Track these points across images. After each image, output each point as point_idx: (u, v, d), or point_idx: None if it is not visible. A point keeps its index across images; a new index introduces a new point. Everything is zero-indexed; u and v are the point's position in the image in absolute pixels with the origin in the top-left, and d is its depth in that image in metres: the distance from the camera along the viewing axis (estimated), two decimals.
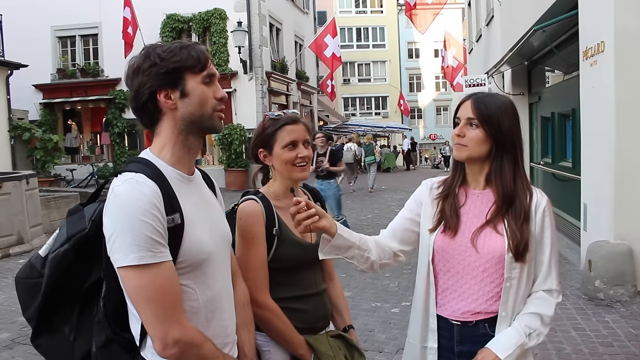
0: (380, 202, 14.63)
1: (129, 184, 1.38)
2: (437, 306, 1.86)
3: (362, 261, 1.88)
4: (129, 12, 17.09)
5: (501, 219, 1.78)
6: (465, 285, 1.81)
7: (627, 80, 5.53)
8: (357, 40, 41.79)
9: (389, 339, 4.68)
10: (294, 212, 1.67)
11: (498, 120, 1.76)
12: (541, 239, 1.79)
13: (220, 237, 1.61)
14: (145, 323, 1.39)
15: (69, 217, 1.53)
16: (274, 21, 21.11)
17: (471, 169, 1.86)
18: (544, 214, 1.80)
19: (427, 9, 17.33)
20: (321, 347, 1.95)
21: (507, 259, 1.74)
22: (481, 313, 1.79)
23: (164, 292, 1.36)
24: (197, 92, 1.48)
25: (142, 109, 1.48)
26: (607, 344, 4.39)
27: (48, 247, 1.52)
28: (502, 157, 1.78)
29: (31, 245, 8.62)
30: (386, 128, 34.70)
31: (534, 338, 1.75)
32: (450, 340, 1.84)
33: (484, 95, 1.85)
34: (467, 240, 1.80)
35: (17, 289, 1.59)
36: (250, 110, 18.45)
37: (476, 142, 1.77)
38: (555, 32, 7.99)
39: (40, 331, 1.54)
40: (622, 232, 5.58)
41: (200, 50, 1.50)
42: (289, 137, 1.95)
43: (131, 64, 1.48)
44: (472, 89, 14.07)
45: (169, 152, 1.51)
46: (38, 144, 16.20)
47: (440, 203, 1.88)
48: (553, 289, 1.81)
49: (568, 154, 8.69)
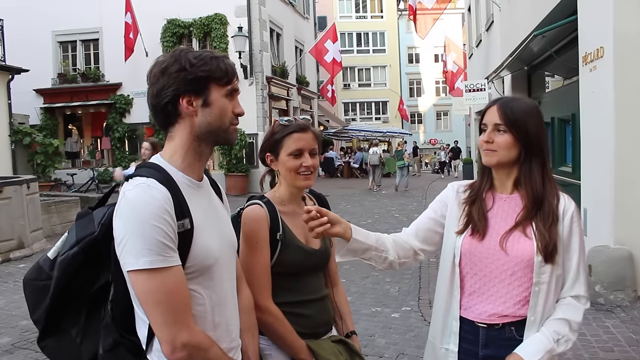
0: (381, 207, 14.62)
1: (140, 189, 1.39)
2: (462, 309, 1.86)
3: (379, 261, 1.91)
4: (129, 17, 17.16)
5: (529, 223, 1.78)
6: (493, 288, 1.81)
7: (627, 85, 5.54)
8: (358, 45, 41.91)
9: (389, 343, 4.68)
10: (307, 219, 1.70)
11: (525, 124, 1.77)
12: (569, 244, 1.79)
13: (226, 242, 1.62)
14: (153, 326, 1.40)
15: (78, 220, 1.54)
16: (275, 26, 21.15)
17: (499, 174, 1.87)
18: (572, 220, 1.79)
19: (427, 13, 17.37)
20: (323, 352, 1.96)
21: (536, 262, 1.74)
22: (508, 316, 1.79)
23: (173, 296, 1.38)
24: (218, 103, 1.51)
25: (161, 109, 1.50)
26: (607, 349, 4.39)
27: (57, 250, 1.53)
28: (531, 161, 1.79)
29: (31, 250, 8.62)
30: (386, 133, 34.74)
31: (563, 344, 1.74)
32: (475, 343, 1.83)
33: (509, 99, 1.86)
34: (495, 244, 1.80)
35: (25, 291, 1.60)
36: (251, 115, 18.45)
37: (505, 147, 1.78)
38: (555, 38, 8.01)
39: (47, 333, 1.55)
40: (622, 237, 5.58)
41: (229, 64, 1.53)
42: (295, 145, 1.96)
43: (160, 62, 1.50)
44: (472, 94, 14.13)
45: (180, 157, 1.52)
46: (39, 148, 16.20)
47: (468, 207, 1.88)
48: (581, 295, 1.80)
49: (568, 159, 8.70)
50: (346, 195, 17.58)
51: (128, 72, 17.88)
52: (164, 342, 1.39)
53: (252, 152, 18.10)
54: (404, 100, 36.69)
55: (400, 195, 17.33)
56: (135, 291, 1.40)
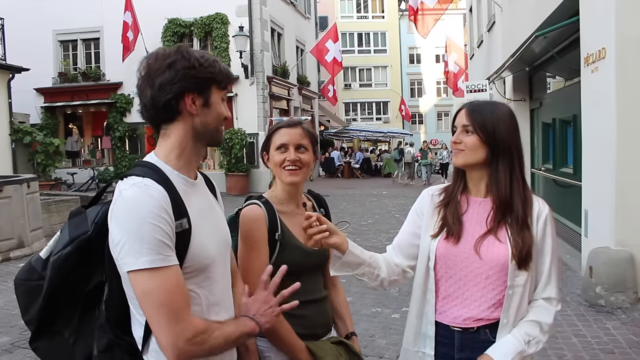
0: (382, 207, 14.62)
1: (137, 188, 1.38)
2: (437, 313, 1.86)
3: (372, 278, 1.91)
4: (129, 16, 17.15)
5: (503, 227, 1.79)
6: (468, 292, 1.81)
7: (628, 86, 5.54)
8: (359, 46, 41.90)
9: (389, 344, 4.67)
10: (306, 226, 1.70)
11: (493, 126, 1.78)
12: (542, 247, 1.80)
13: (222, 241, 1.61)
14: (153, 327, 1.38)
15: (70, 219, 1.52)
16: (276, 26, 21.14)
17: (472, 177, 1.88)
18: (546, 223, 1.81)
19: (428, 14, 17.34)
20: (322, 354, 1.95)
21: (510, 267, 1.75)
22: (482, 319, 1.80)
23: (174, 295, 1.36)
24: (217, 106, 1.53)
25: (162, 105, 1.46)
26: (608, 350, 4.38)
27: (49, 249, 1.51)
28: (498, 163, 1.80)
29: (31, 249, 8.60)
30: (387, 133, 34.72)
31: (533, 346, 1.77)
32: (451, 347, 1.84)
33: (479, 102, 1.88)
34: (470, 247, 1.80)
35: (17, 292, 1.57)
36: (251, 115, 18.48)
37: (472, 148, 1.79)
38: (557, 39, 8.00)
39: (39, 334, 1.52)
40: (623, 238, 5.57)
41: (228, 69, 1.58)
42: (280, 140, 1.99)
43: (163, 55, 1.47)
44: (474, 94, 14.10)
45: (176, 156, 1.51)
46: (39, 147, 16.19)
47: (442, 210, 1.88)
48: (552, 297, 1.83)
49: (569, 160, 8.69)
50: (347, 195, 17.59)
51: (129, 71, 17.73)
52: (168, 344, 1.36)
53: (252, 151, 18.10)
54: (405, 101, 36.65)
55: (401, 195, 17.31)
56: (135, 292, 1.37)
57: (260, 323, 1.56)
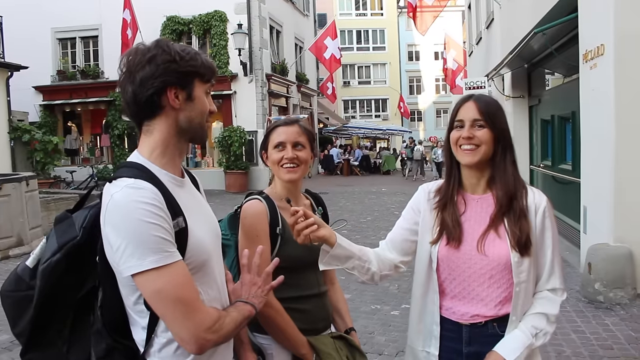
0: (380, 204, 14.63)
1: (130, 189, 1.35)
2: (443, 309, 1.85)
3: (362, 272, 1.87)
4: (128, 13, 17.09)
5: (501, 221, 1.78)
6: (473, 292, 1.80)
7: (627, 83, 5.54)
8: (357, 43, 41.81)
9: (388, 341, 4.68)
10: (293, 222, 1.69)
11: (500, 119, 1.77)
12: (542, 239, 1.79)
13: (214, 235, 1.61)
14: (171, 323, 1.36)
15: (57, 224, 1.46)
16: (274, 23, 21.12)
17: (471, 174, 1.84)
18: (544, 215, 1.79)
19: (427, 11, 17.35)
20: (323, 347, 1.97)
21: (513, 262, 1.73)
22: (490, 316, 1.80)
23: (184, 289, 1.35)
24: (201, 99, 1.50)
25: (144, 100, 1.42)
26: (607, 346, 4.39)
27: (36, 257, 1.45)
28: (505, 157, 1.78)
29: (30, 247, 8.59)
30: (386, 130, 34.70)
31: (541, 338, 1.76)
32: (459, 341, 1.82)
33: (481, 95, 1.85)
34: (472, 248, 1.79)
35: (4, 304, 1.49)
36: (250, 113, 18.46)
37: (486, 143, 1.76)
38: (555, 35, 8.00)
39: (31, 346, 1.46)
40: (622, 234, 5.58)
41: (210, 62, 1.53)
42: (278, 138, 2.02)
43: (143, 49, 1.44)
44: (472, 91, 14.08)
45: (160, 154, 1.48)
46: (38, 145, 16.16)
47: (440, 213, 1.85)
48: (557, 287, 1.81)
49: (568, 157, 8.70)
50: (346, 192, 17.59)
51: None
52: (190, 335, 1.35)
53: (251, 149, 18.09)
54: (404, 98, 36.61)
55: (400, 193, 17.32)
56: (144, 293, 1.35)
57: (255, 304, 1.57)
